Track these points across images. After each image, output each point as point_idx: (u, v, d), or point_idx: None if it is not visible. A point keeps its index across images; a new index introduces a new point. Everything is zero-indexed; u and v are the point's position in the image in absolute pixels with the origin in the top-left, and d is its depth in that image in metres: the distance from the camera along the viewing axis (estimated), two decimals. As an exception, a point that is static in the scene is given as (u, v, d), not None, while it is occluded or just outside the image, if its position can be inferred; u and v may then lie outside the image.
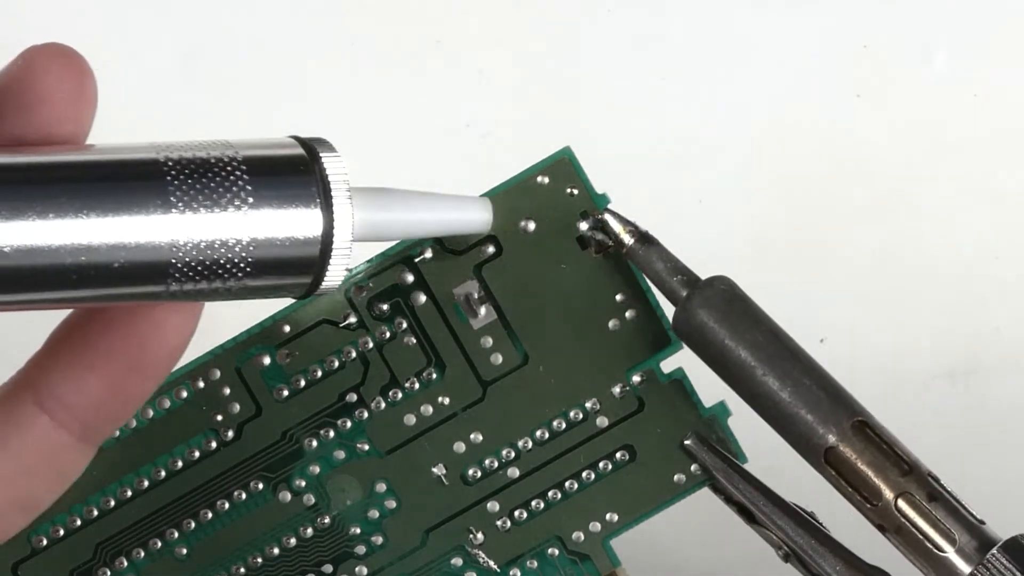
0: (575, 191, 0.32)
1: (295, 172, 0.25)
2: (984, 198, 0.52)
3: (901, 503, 0.29)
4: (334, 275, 0.25)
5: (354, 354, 0.32)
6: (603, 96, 0.52)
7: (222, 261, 0.24)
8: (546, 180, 0.32)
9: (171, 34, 0.52)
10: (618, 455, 0.33)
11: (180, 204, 0.23)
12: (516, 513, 0.32)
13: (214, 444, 0.32)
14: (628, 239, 0.31)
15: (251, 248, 0.24)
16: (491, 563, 0.32)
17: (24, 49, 0.24)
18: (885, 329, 0.51)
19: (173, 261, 0.23)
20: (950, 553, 0.29)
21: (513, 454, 0.32)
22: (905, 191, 0.52)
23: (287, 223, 0.24)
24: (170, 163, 0.23)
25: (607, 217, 0.31)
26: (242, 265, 0.24)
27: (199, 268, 0.23)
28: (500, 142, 0.52)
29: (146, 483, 0.32)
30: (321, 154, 0.25)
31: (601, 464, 0.32)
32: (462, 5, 0.53)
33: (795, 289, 0.51)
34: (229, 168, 0.24)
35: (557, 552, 0.33)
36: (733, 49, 0.53)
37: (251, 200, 0.24)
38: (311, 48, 0.52)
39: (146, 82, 0.51)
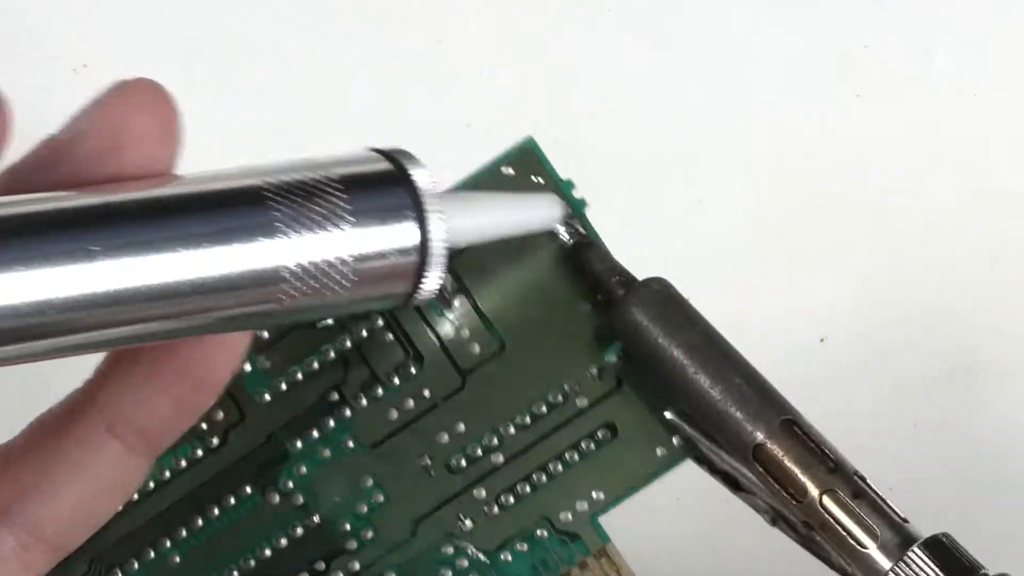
0: (540, 180, 0.32)
1: (388, 187, 0.25)
2: (984, 198, 0.52)
3: (826, 500, 0.30)
4: (431, 283, 0.26)
5: (333, 354, 0.32)
6: (603, 96, 0.52)
7: (326, 280, 0.24)
8: (511, 171, 0.32)
9: (171, 35, 0.52)
10: (600, 433, 0.33)
11: (286, 230, 0.24)
12: (503, 498, 0.33)
13: (200, 452, 0.32)
14: (567, 240, 0.32)
15: (352, 264, 0.25)
16: (479, 555, 0.32)
17: (114, 84, 0.24)
18: (885, 329, 0.51)
19: (282, 285, 0.24)
20: (872, 549, 0.29)
21: (496, 440, 0.32)
22: (905, 191, 0.52)
23: (385, 237, 0.25)
24: (272, 189, 0.24)
25: None
26: (344, 281, 0.25)
27: (304, 289, 0.24)
28: (500, 142, 0.52)
29: (135, 495, 0.32)
30: (408, 167, 0.26)
31: (584, 444, 0.33)
32: (462, 5, 0.53)
33: (795, 289, 0.51)
34: (329, 189, 0.24)
35: (546, 533, 0.33)
36: (733, 49, 0.53)
37: (350, 218, 0.24)
38: (311, 49, 0.52)
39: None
